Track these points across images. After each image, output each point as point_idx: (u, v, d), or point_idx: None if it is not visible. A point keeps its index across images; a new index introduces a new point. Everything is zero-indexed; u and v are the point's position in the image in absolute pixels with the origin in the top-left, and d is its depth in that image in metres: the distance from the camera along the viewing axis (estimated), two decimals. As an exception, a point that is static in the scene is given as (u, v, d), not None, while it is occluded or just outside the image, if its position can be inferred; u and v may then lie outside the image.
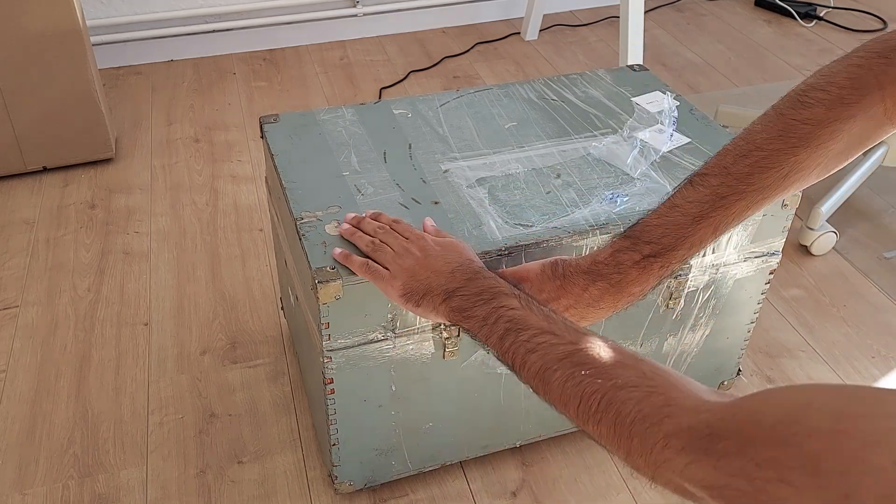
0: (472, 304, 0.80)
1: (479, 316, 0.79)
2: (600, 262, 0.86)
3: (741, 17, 2.73)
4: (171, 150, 1.98)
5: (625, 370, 0.65)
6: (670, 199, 0.84)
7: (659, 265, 0.84)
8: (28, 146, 1.81)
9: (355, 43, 2.52)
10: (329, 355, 0.98)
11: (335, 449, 1.08)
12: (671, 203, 0.83)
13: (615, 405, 0.63)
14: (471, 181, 1.08)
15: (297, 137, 1.16)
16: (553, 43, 2.55)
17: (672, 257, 0.83)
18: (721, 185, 0.80)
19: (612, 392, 0.63)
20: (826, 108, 0.75)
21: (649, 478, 0.60)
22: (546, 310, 0.77)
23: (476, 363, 1.06)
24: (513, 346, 0.74)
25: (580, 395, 0.66)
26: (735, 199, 0.80)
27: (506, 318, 0.77)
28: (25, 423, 1.29)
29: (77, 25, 1.71)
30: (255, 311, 1.51)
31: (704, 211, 0.81)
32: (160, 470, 1.22)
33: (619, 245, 0.85)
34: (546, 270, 0.90)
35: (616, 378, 0.65)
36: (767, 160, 0.78)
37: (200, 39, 2.40)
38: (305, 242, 0.97)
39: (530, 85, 1.30)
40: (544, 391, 0.71)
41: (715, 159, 0.82)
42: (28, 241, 1.67)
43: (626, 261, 0.85)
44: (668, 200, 0.84)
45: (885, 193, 1.86)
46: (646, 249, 0.84)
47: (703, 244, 0.84)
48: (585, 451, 1.26)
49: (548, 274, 0.89)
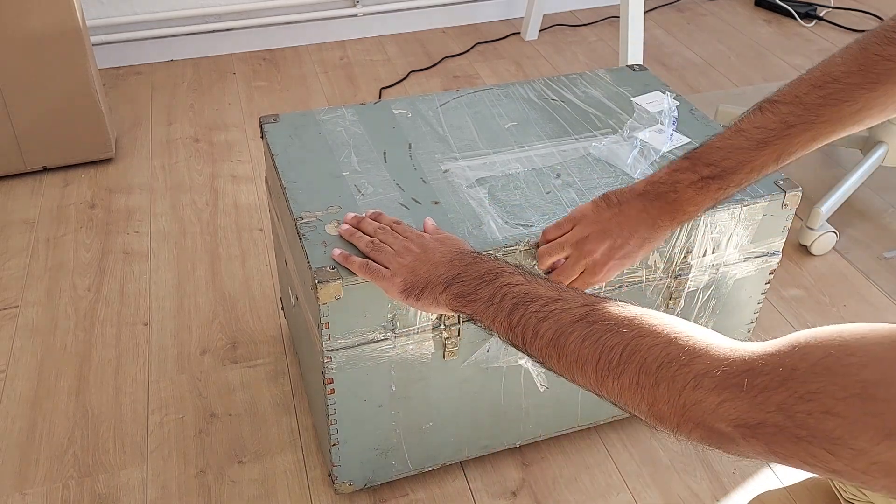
0: (475, 288, 0.78)
1: (483, 297, 0.77)
2: (657, 181, 0.87)
3: (741, 17, 2.73)
4: (171, 150, 1.98)
5: (648, 319, 0.63)
6: (736, 124, 0.83)
7: (717, 186, 0.84)
8: (28, 146, 1.81)
9: (355, 43, 2.52)
10: (329, 355, 0.98)
11: (335, 449, 1.08)
12: (737, 128, 0.83)
13: (639, 353, 0.61)
14: (471, 181, 1.08)
15: (297, 137, 1.16)
16: (553, 43, 2.55)
17: (731, 180, 0.83)
18: (791, 113, 0.80)
19: (636, 340, 0.62)
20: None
21: (674, 426, 0.59)
22: (554, 283, 0.75)
23: (476, 363, 1.06)
24: (523, 319, 0.71)
25: (599, 351, 0.64)
26: (803, 128, 0.79)
27: (512, 293, 0.74)
28: (25, 423, 1.29)
29: (77, 25, 1.71)
30: (255, 311, 1.51)
31: (769, 137, 0.80)
32: (160, 470, 1.22)
33: (678, 165, 0.86)
34: (600, 204, 0.90)
35: (639, 327, 0.63)
36: (842, 93, 0.77)
37: (200, 39, 2.40)
38: (305, 242, 0.97)
39: (530, 85, 1.30)
40: (559, 357, 0.68)
41: (788, 87, 0.81)
42: (28, 241, 1.67)
43: (683, 180, 0.85)
44: (734, 125, 0.83)
45: (885, 193, 1.86)
46: (705, 171, 0.84)
47: (764, 171, 0.83)
48: (585, 451, 1.26)
49: (602, 206, 0.90)
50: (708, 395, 0.55)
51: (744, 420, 0.53)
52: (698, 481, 1.22)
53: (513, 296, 0.74)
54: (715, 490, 1.21)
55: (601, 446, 1.27)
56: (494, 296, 0.76)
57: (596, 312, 0.67)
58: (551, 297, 0.71)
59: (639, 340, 0.62)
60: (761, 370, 0.52)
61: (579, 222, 0.91)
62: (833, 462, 0.48)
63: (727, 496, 1.20)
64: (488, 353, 1.05)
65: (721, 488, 1.21)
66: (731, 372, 0.54)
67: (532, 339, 0.70)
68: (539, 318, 0.70)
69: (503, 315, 0.74)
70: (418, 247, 0.89)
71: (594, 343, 0.64)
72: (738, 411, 0.53)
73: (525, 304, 0.72)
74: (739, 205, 1.06)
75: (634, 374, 0.61)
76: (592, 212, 0.91)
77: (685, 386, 0.57)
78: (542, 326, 0.69)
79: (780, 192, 1.08)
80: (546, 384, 1.11)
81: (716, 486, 1.22)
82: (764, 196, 1.07)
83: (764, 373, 0.52)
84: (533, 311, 0.71)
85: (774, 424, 0.51)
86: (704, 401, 0.55)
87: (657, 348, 0.60)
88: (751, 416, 0.52)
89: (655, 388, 0.59)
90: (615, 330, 0.64)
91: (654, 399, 0.59)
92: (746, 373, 0.53)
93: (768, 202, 1.07)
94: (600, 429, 1.29)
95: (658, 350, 0.60)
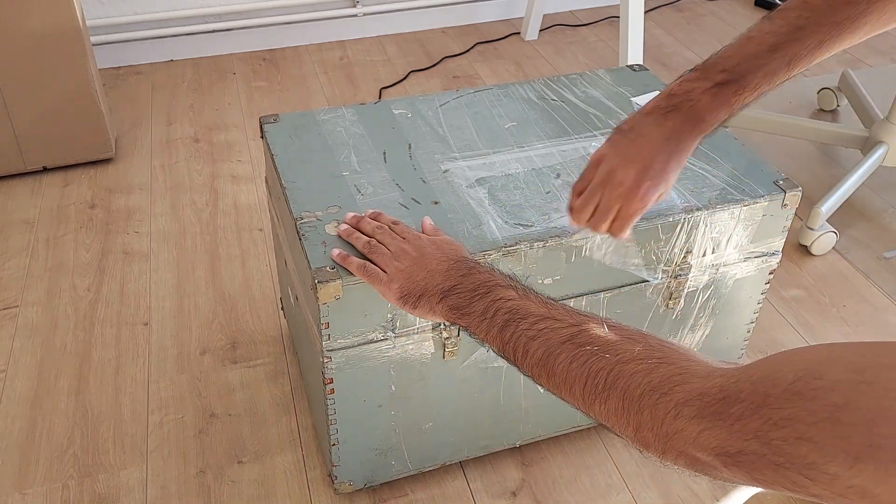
0: (469, 301, 0.79)
1: (476, 311, 0.78)
2: (669, 94, 0.86)
3: (741, 17, 2.73)
4: (171, 150, 1.98)
5: (631, 344, 0.64)
6: (746, 32, 0.83)
7: (733, 91, 0.83)
8: (28, 146, 1.81)
9: (355, 43, 2.52)
10: (329, 355, 0.98)
11: (335, 449, 1.08)
12: (747, 35, 0.83)
13: (623, 379, 0.61)
14: (470, 181, 1.08)
15: (297, 137, 1.16)
16: (553, 43, 2.55)
17: (746, 84, 0.83)
18: (798, 16, 0.80)
19: (620, 366, 0.62)
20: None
21: (659, 453, 0.59)
22: (545, 297, 0.76)
23: (475, 363, 1.06)
24: (514, 336, 0.73)
25: (586, 375, 0.65)
26: (811, 30, 0.80)
27: (504, 309, 0.75)
28: (25, 423, 1.29)
29: (77, 25, 1.71)
30: (255, 311, 1.51)
31: (780, 42, 0.81)
32: (160, 470, 1.22)
33: (689, 76, 0.86)
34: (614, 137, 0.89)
35: (623, 353, 0.64)
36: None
37: (200, 39, 2.40)
38: (305, 242, 0.97)
39: (530, 85, 1.30)
40: (548, 377, 0.69)
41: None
42: (28, 241, 1.67)
43: (696, 88, 0.84)
44: (744, 34, 0.84)
45: (885, 193, 1.86)
46: (718, 77, 0.83)
47: (776, 76, 0.82)
48: (585, 451, 1.26)
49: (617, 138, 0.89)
50: (688, 425, 0.55)
51: (723, 448, 0.53)
52: (698, 481, 1.22)
53: (504, 311, 0.75)
54: (715, 490, 1.21)
55: (601, 446, 1.27)
56: (487, 310, 0.77)
57: (583, 334, 0.68)
58: (541, 315, 0.72)
59: (622, 366, 0.62)
60: (737, 397, 0.52)
61: (601, 163, 0.89)
62: (812, 487, 0.48)
63: (727, 496, 1.20)
64: (488, 353, 1.05)
65: (721, 488, 1.21)
66: (709, 400, 0.54)
67: (523, 356, 0.72)
68: (529, 337, 0.71)
69: (495, 330, 0.75)
70: (415, 250, 0.89)
71: (581, 366, 0.65)
72: (717, 440, 0.53)
73: (516, 321, 0.74)
74: (739, 205, 1.06)
75: (619, 399, 0.61)
76: (609, 147, 0.89)
77: (667, 415, 0.57)
78: (532, 345, 0.71)
79: (779, 191, 1.08)
80: (546, 384, 1.11)
81: (716, 486, 1.22)
82: (764, 196, 1.07)
83: (739, 399, 0.52)
84: (523, 329, 0.72)
85: (753, 452, 0.50)
86: (685, 430, 0.55)
87: (639, 375, 0.60)
88: (730, 445, 0.52)
89: (639, 414, 0.59)
90: (599, 354, 0.65)
91: (638, 425, 0.60)
92: (723, 401, 0.53)
93: (768, 202, 1.07)
94: (600, 429, 1.29)
95: (640, 377, 0.60)
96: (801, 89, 2.28)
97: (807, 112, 2.17)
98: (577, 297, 1.06)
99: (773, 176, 1.10)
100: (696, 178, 1.09)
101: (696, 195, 1.06)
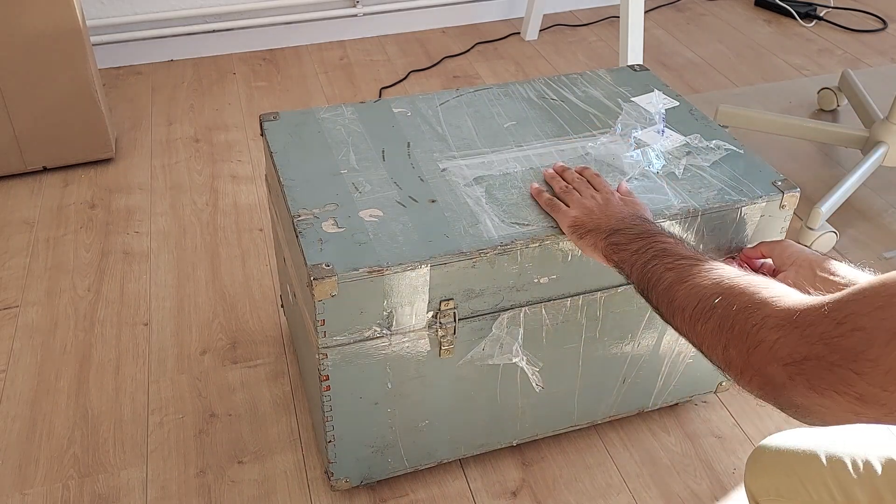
0: (630, 240, 0.88)
1: (632, 249, 0.87)
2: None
3: (741, 17, 2.73)
4: (171, 150, 1.98)
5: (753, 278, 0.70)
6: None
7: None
8: (28, 146, 1.81)
9: (355, 43, 2.52)
10: (325, 352, 0.98)
11: (331, 446, 1.08)
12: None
13: (728, 299, 0.68)
14: (468, 180, 1.08)
15: (297, 135, 1.16)
16: (553, 43, 2.55)
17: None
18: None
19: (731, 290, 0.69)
20: None
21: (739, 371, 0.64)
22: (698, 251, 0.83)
23: (471, 361, 1.06)
24: (655, 268, 0.81)
25: (699, 297, 0.71)
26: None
27: (655, 248, 0.84)
28: (25, 423, 1.29)
29: (77, 25, 1.71)
30: (254, 310, 1.51)
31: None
32: (160, 470, 1.22)
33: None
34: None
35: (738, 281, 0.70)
36: None
37: (200, 39, 2.40)
38: (302, 239, 0.97)
39: (530, 84, 1.30)
40: (669, 302, 0.76)
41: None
42: (28, 241, 1.68)
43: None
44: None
45: (885, 193, 1.86)
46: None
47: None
48: (585, 451, 1.26)
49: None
50: (769, 334, 0.61)
51: (792, 357, 0.58)
52: (698, 481, 1.22)
53: (655, 251, 0.84)
54: (715, 490, 1.21)
55: (601, 446, 1.27)
56: (641, 248, 0.86)
57: (717, 270, 0.74)
58: (684, 255, 0.80)
59: (732, 290, 0.69)
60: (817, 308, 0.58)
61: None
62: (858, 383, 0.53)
63: (727, 496, 1.20)
64: (483, 351, 1.05)
65: (721, 488, 1.21)
66: (792, 311, 0.60)
67: (655, 284, 0.80)
68: (666, 268, 0.80)
69: (641, 263, 0.84)
70: (603, 199, 0.99)
71: (700, 290, 0.72)
72: (788, 348, 0.58)
73: (661, 257, 0.82)
74: (737, 205, 1.06)
75: (719, 318, 0.67)
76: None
77: (753, 326, 0.62)
78: (667, 275, 0.79)
79: (777, 192, 1.08)
80: (541, 384, 1.11)
81: (716, 486, 1.21)
82: (762, 197, 1.07)
83: (815, 308, 0.58)
84: (665, 264, 0.80)
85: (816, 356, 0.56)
86: (765, 340, 0.61)
87: (744, 297, 0.66)
88: (798, 351, 0.57)
89: (731, 330, 0.65)
90: (720, 282, 0.71)
91: (728, 342, 0.65)
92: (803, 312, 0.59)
93: (766, 203, 1.07)
94: (600, 429, 1.29)
95: (744, 298, 0.66)
96: (801, 89, 2.28)
97: (807, 112, 2.17)
98: (573, 297, 1.06)
99: (771, 177, 1.10)
100: (693, 178, 1.09)
101: (694, 196, 1.06)
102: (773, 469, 0.89)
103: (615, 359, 1.17)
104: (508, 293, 1.02)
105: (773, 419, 1.32)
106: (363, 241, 0.97)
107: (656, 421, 1.31)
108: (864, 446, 0.84)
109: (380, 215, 1.01)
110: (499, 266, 0.99)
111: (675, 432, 1.30)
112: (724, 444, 1.28)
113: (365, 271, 0.93)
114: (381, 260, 0.94)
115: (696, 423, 1.31)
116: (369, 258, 0.94)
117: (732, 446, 1.27)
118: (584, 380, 1.17)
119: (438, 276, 0.96)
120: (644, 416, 1.31)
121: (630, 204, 0.99)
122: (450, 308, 1.00)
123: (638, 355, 1.18)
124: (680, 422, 1.31)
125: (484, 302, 1.01)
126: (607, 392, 1.21)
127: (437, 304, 0.99)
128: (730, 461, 1.25)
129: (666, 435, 1.29)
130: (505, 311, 1.03)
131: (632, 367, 1.19)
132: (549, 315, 1.06)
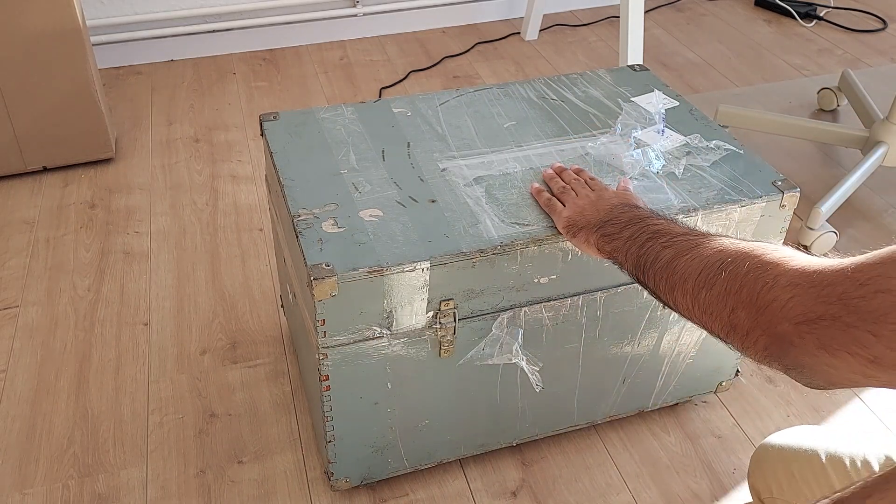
0: (621, 229, 0.88)
1: (624, 236, 0.86)
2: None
3: (741, 17, 2.73)
4: (171, 150, 1.98)
5: (758, 243, 0.69)
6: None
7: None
8: (28, 146, 1.81)
9: (355, 43, 2.52)
10: (325, 352, 0.98)
11: (331, 445, 1.08)
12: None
13: (735, 263, 0.66)
14: (468, 180, 1.08)
15: (297, 135, 1.16)
16: (553, 43, 2.55)
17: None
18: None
19: (736, 255, 0.68)
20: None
21: (744, 334, 0.63)
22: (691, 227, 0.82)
23: (471, 361, 1.06)
24: (651, 250, 0.80)
25: (702, 266, 0.70)
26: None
27: (649, 231, 0.83)
28: (25, 423, 1.29)
29: (77, 25, 1.71)
30: (254, 310, 1.51)
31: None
32: (160, 470, 1.22)
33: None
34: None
35: (743, 246, 0.69)
36: None
37: (200, 39, 2.40)
38: (302, 239, 0.97)
39: (530, 84, 1.30)
40: (668, 277, 0.75)
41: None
42: (28, 241, 1.68)
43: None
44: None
45: (885, 193, 1.85)
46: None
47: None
48: (585, 451, 1.26)
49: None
50: (782, 293, 0.59)
51: (806, 315, 0.57)
52: (698, 481, 1.22)
53: (649, 233, 0.83)
54: (715, 490, 1.21)
55: (601, 446, 1.27)
56: (634, 234, 0.85)
57: (716, 240, 0.73)
58: (680, 232, 0.80)
59: (738, 254, 0.68)
60: (837, 268, 0.57)
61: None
62: (874, 345, 0.52)
63: (727, 496, 1.20)
64: (483, 352, 1.05)
65: (721, 488, 1.21)
66: (808, 270, 0.59)
67: (652, 263, 0.79)
68: (663, 246, 0.79)
69: (636, 247, 0.83)
70: (595, 196, 0.99)
71: (701, 260, 0.71)
72: (803, 306, 0.57)
73: (656, 238, 0.81)
74: (737, 205, 1.06)
75: (725, 282, 0.66)
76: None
77: (763, 286, 0.61)
78: (664, 252, 0.78)
79: (777, 192, 1.08)
80: (541, 384, 1.11)
81: (716, 486, 1.21)
82: (761, 197, 1.07)
83: (836, 269, 0.57)
84: (661, 243, 0.80)
85: (832, 316, 0.55)
86: (777, 299, 0.60)
87: (753, 258, 0.65)
88: (813, 311, 0.56)
89: (739, 293, 0.64)
90: (724, 249, 0.70)
91: (735, 305, 0.64)
92: (820, 272, 0.58)
93: (766, 203, 1.07)
94: (600, 428, 1.29)
95: (753, 259, 0.65)
96: (801, 89, 2.28)
97: (807, 112, 2.17)
98: (573, 297, 1.06)
99: (771, 176, 1.10)
100: (693, 178, 1.09)
101: (694, 195, 1.06)
102: (776, 467, 0.89)
103: (615, 359, 1.17)
104: (508, 293, 1.02)
105: (773, 419, 1.32)
106: (363, 241, 0.97)
107: (656, 421, 1.31)
108: (862, 446, 0.84)
109: (380, 215, 1.01)
110: (499, 266, 0.99)
111: (675, 432, 1.30)
112: (724, 444, 1.28)
113: (365, 271, 0.93)
114: (381, 260, 0.94)
115: (696, 423, 1.31)
116: (369, 258, 0.94)
117: (732, 446, 1.27)
118: (584, 380, 1.17)
119: (438, 276, 0.96)
120: (644, 416, 1.31)
121: (621, 194, 1.00)
122: (450, 308, 1.00)
123: (638, 355, 1.18)
124: (680, 422, 1.31)
125: (484, 302, 1.01)
126: (607, 392, 1.21)
127: (437, 304, 0.99)
128: (730, 461, 1.25)
129: (666, 435, 1.29)
130: (505, 311, 1.03)
131: (632, 367, 1.19)
132: (549, 315, 1.06)
